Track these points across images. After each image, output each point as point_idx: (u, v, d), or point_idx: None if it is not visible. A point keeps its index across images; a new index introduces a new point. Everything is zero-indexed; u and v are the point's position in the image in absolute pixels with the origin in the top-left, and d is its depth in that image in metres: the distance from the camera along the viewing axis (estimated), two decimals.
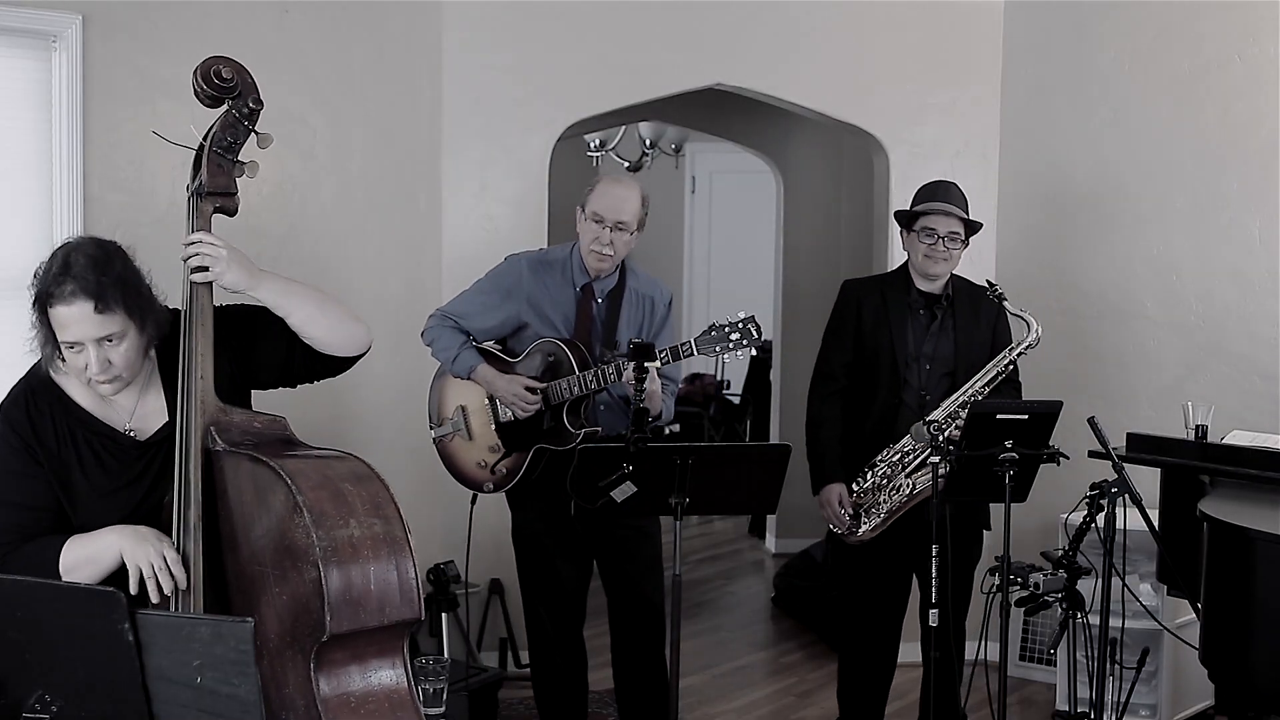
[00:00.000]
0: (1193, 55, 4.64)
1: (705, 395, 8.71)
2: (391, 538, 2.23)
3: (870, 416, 3.84)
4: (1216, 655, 3.21)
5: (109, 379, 2.33)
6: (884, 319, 3.84)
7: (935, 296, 3.85)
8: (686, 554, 4.51)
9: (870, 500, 3.77)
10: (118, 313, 2.29)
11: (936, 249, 3.76)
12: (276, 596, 2.21)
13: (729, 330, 3.39)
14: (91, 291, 2.27)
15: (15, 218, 3.78)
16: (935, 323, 3.84)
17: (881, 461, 3.76)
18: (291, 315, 2.47)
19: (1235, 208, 4.57)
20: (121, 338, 2.32)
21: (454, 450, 3.76)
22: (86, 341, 2.29)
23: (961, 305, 3.85)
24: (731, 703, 4.75)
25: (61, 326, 2.29)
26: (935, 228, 3.76)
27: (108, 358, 2.31)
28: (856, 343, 3.89)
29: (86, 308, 2.27)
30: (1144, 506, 3.30)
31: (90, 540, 2.32)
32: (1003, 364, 3.74)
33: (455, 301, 3.79)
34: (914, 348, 3.82)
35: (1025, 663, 4.94)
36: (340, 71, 4.49)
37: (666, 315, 3.77)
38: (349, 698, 2.20)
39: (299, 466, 2.25)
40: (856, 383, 3.90)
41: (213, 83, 2.37)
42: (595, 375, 3.48)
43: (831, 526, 3.88)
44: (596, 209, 3.60)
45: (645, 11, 4.88)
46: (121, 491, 2.41)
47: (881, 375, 3.83)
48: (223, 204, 2.41)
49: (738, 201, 9.36)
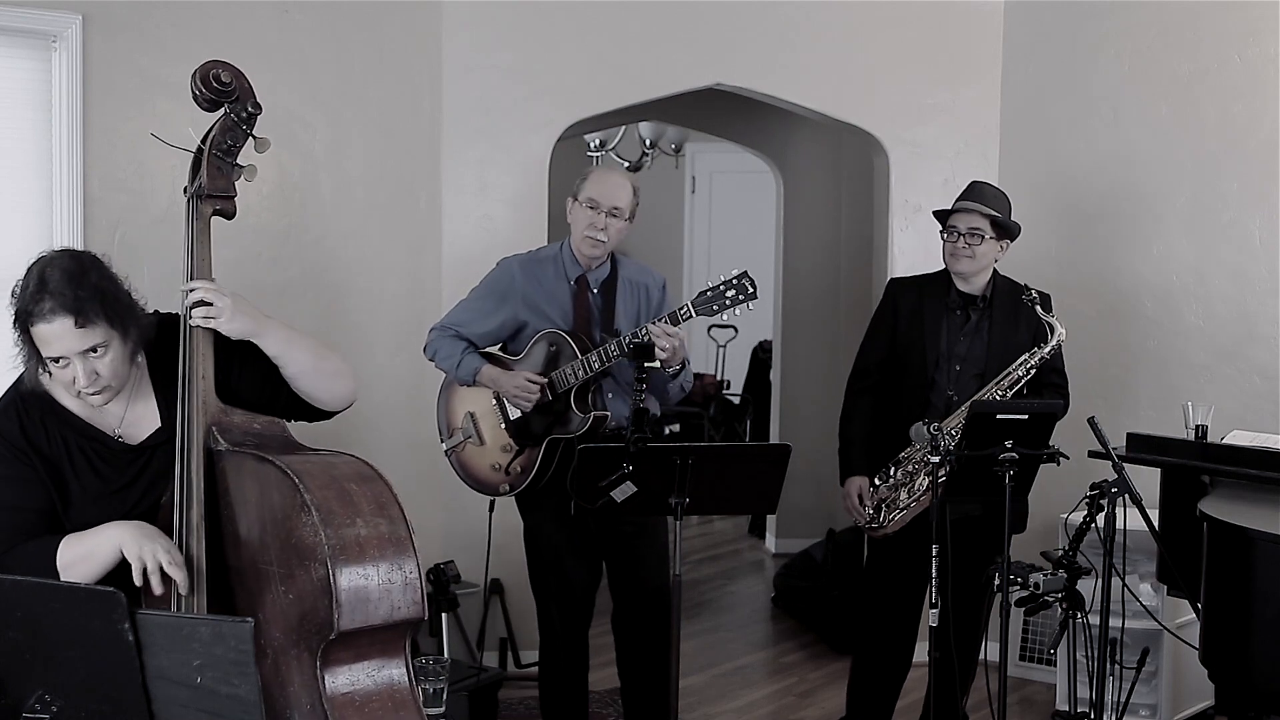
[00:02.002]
0: (1192, 56, 4.64)
1: (705, 395, 8.71)
2: (396, 537, 2.24)
3: (898, 414, 3.85)
4: (1216, 655, 3.21)
5: (98, 390, 2.33)
6: (919, 318, 3.86)
7: (973, 297, 3.85)
8: (686, 554, 4.51)
9: (892, 497, 3.78)
10: (99, 324, 2.29)
11: (958, 247, 3.78)
12: (282, 595, 2.22)
13: (724, 288, 3.41)
14: (70, 307, 2.26)
15: (15, 217, 3.78)
16: (970, 323, 3.85)
17: (906, 459, 3.77)
18: (289, 366, 2.47)
19: (1235, 208, 4.57)
20: (106, 348, 2.31)
21: (467, 458, 3.77)
22: (71, 356, 2.29)
23: (1001, 307, 3.84)
24: (731, 703, 4.75)
25: (45, 343, 2.29)
26: (956, 225, 3.79)
27: (94, 369, 2.31)
28: (891, 341, 3.91)
29: (67, 323, 2.26)
30: (1144, 506, 3.29)
31: (88, 536, 2.32)
32: (1023, 368, 3.73)
33: (453, 312, 3.81)
34: (946, 348, 3.83)
35: (1025, 663, 4.94)
36: (340, 71, 4.49)
37: (663, 298, 3.78)
38: (353, 696, 2.21)
39: (305, 466, 2.26)
40: (888, 380, 3.93)
41: (211, 87, 2.37)
42: (597, 356, 3.50)
43: (853, 519, 3.92)
44: (591, 195, 3.62)
45: (645, 11, 4.88)
46: (115, 495, 2.41)
47: (911, 374, 3.85)
48: (221, 206, 2.41)
49: (738, 201, 9.36)
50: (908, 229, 5.09)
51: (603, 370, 3.53)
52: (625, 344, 3.42)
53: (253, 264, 4.21)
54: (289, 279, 4.36)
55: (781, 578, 6.07)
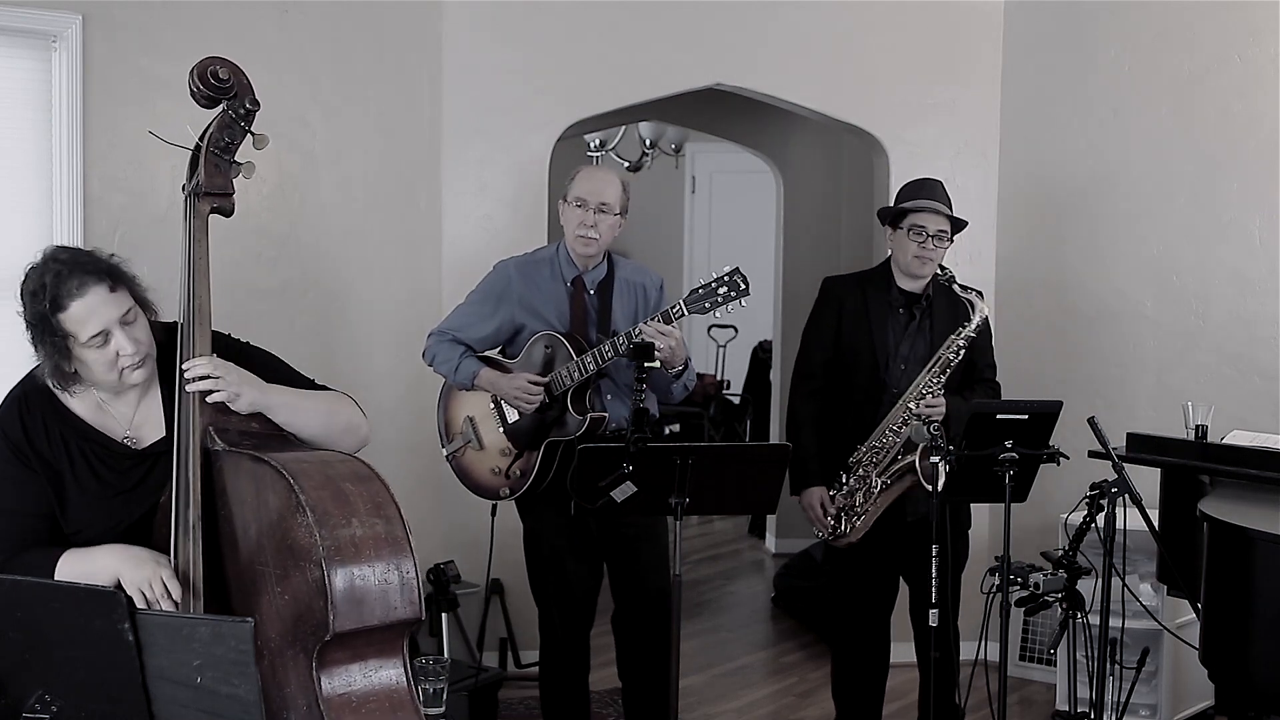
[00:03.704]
0: (1192, 55, 4.64)
1: (705, 395, 8.70)
2: (393, 538, 2.23)
3: (848, 415, 3.82)
4: (1216, 655, 3.21)
5: (140, 358, 2.35)
6: (864, 317, 3.83)
7: (915, 296, 3.83)
8: (686, 554, 4.51)
9: (849, 503, 3.75)
10: (125, 288, 2.34)
11: (926, 248, 3.74)
12: (278, 596, 2.21)
13: (715, 285, 3.40)
14: (100, 272, 2.31)
15: (15, 217, 3.78)
16: (914, 323, 3.83)
17: (855, 463, 3.75)
18: (300, 432, 2.48)
19: (1235, 208, 4.57)
20: (136, 314, 2.35)
21: (467, 463, 3.77)
22: (111, 326, 2.31)
23: (940, 306, 3.82)
24: (731, 703, 4.75)
25: (81, 323, 2.29)
26: (925, 225, 3.74)
27: (135, 336, 2.34)
28: (836, 341, 3.87)
29: (101, 290, 2.29)
30: (1144, 506, 3.30)
31: (86, 559, 2.32)
32: (951, 349, 3.67)
33: (450, 317, 3.81)
34: (893, 347, 3.81)
35: (1025, 663, 4.94)
36: (340, 71, 4.48)
37: (660, 298, 3.78)
38: (350, 697, 2.21)
39: (301, 466, 2.25)
40: (835, 381, 3.88)
41: (209, 83, 2.37)
42: (593, 357, 3.49)
43: (815, 531, 3.88)
44: (579, 194, 3.62)
45: (645, 11, 4.88)
46: (114, 500, 2.40)
47: (860, 374, 3.82)
48: (220, 204, 2.41)
49: (738, 201, 9.35)
50: None
51: (599, 371, 3.53)
52: (621, 345, 3.42)
53: (252, 264, 4.21)
54: (288, 279, 4.36)
55: (781, 578, 6.07)
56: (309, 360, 2.72)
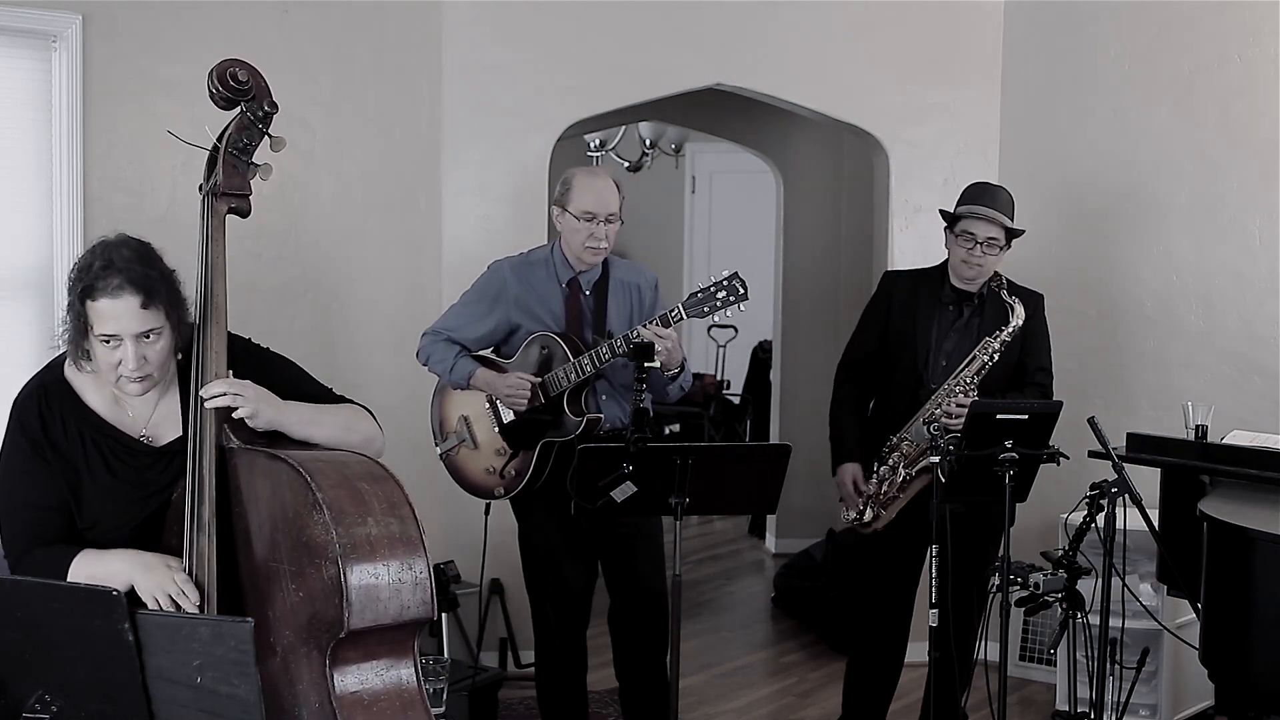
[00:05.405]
0: (1193, 55, 4.64)
1: (705, 395, 8.71)
2: (407, 537, 2.25)
3: (886, 405, 3.86)
4: (1216, 655, 3.21)
5: (142, 376, 2.34)
6: (912, 311, 3.85)
7: (968, 294, 3.84)
8: (686, 554, 4.51)
9: (877, 491, 3.79)
10: (160, 309, 2.32)
11: (974, 254, 3.74)
12: (292, 593, 2.22)
13: (714, 290, 3.40)
14: (140, 285, 2.29)
15: (15, 217, 3.78)
16: (961, 320, 3.84)
17: (887, 452, 3.78)
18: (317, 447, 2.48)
19: (1235, 208, 4.57)
20: (159, 335, 2.34)
21: (461, 462, 3.77)
22: (126, 336, 2.30)
23: (991, 306, 3.82)
24: (731, 703, 4.75)
25: (102, 319, 2.29)
26: (975, 233, 3.74)
27: (145, 354, 2.32)
28: (884, 332, 3.91)
29: (133, 302, 2.29)
30: (1144, 506, 3.30)
31: (100, 562, 2.33)
32: (986, 352, 3.69)
33: (444, 316, 3.81)
34: (935, 342, 3.82)
35: (1025, 663, 4.94)
36: (340, 71, 4.49)
37: (655, 298, 3.78)
38: (362, 695, 2.22)
39: (318, 465, 2.27)
40: (877, 371, 3.93)
41: (229, 85, 2.39)
42: (590, 359, 3.49)
43: (844, 512, 3.90)
44: (586, 208, 3.59)
45: (645, 11, 4.88)
46: (128, 496, 2.41)
47: (900, 366, 3.85)
48: (237, 205, 2.44)
49: (738, 201, 9.36)
50: (908, 229, 5.09)
51: (596, 372, 3.53)
52: (619, 347, 3.41)
53: (252, 264, 4.20)
54: (288, 279, 4.36)
55: (781, 578, 6.07)
56: (309, 360, 2.72)
